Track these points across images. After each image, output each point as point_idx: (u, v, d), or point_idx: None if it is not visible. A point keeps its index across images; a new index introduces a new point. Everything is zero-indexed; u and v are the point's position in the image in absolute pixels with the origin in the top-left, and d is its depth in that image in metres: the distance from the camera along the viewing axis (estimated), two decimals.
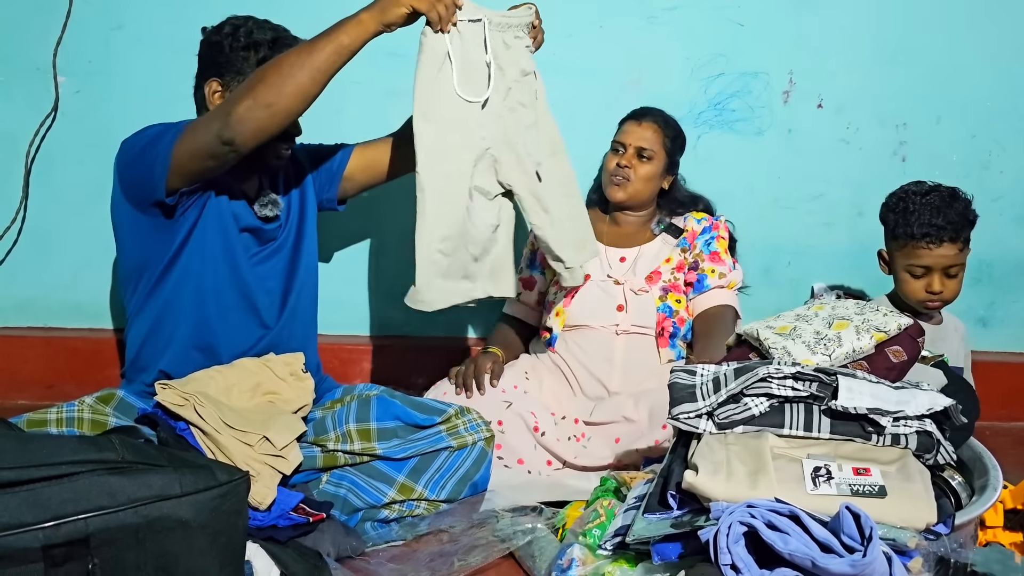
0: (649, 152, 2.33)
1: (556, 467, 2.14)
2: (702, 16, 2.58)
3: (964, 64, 2.65)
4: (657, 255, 2.37)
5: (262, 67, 1.76)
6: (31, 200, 2.52)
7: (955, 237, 2.05)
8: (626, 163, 2.33)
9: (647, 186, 2.36)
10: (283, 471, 1.75)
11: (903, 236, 2.07)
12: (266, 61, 1.84)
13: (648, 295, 2.30)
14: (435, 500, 1.94)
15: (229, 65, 1.88)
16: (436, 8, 1.78)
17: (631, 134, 2.35)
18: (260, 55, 1.87)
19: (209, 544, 1.32)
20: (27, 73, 2.45)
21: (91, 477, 1.26)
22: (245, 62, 1.88)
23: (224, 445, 1.69)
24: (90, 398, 1.85)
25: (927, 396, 1.54)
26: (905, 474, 1.48)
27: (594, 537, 1.63)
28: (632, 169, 2.33)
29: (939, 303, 2.11)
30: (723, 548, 1.31)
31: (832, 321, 1.91)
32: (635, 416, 2.14)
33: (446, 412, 2.02)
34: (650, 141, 2.34)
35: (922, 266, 2.07)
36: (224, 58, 1.88)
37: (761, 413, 1.54)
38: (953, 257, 2.06)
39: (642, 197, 2.38)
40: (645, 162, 2.34)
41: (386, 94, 2.55)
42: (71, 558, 1.23)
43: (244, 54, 1.87)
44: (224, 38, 1.88)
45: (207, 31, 1.94)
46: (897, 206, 2.10)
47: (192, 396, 1.74)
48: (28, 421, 1.76)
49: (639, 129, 2.35)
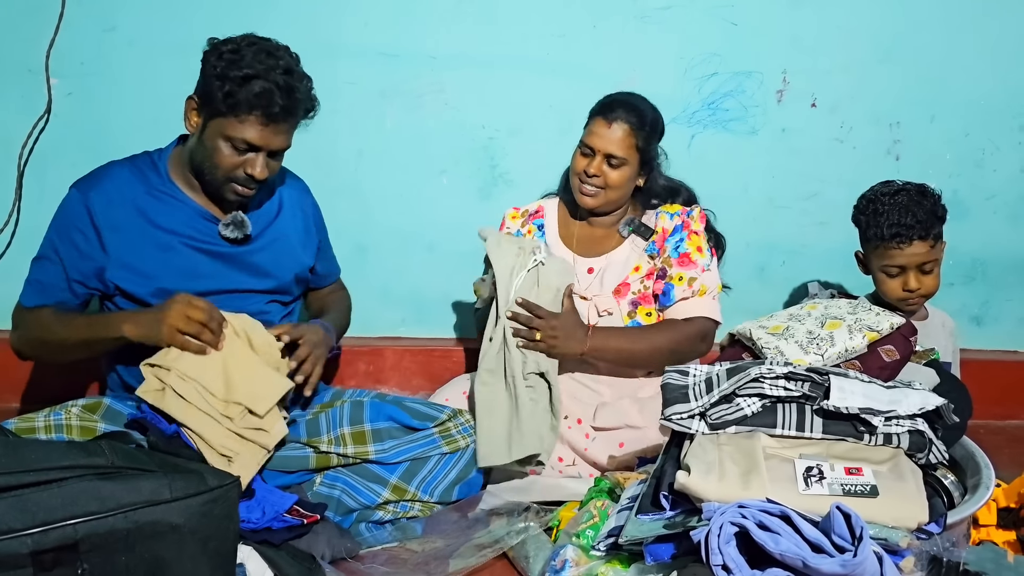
0: (619, 159, 2.14)
1: (568, 463, 2.11)
2: (695, 15, 2.58)
3: (958, 63, 2.66)
4: (626, 263, 2.23)
5: (49, 330, 1.90)
6: (24, 202, 2.51)
7: (925, 235, 2.06)
8: (595, 171, 2.15)
9: (620, 191, 2.20)
10: (267, 446, 1.74)
11: (875, 238, 2.09)
12: (232, 98, 1.79)
13: (616, 313, 2.18)
14: (429, 501, 1.94)
15: (207, 88, 1.82)
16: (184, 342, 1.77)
17: (600, 136, 2.14)
18: (226, 90, 1.79)
19: (200, 549, 1.31)
20: (19, 75, 2.45)
21: (80, 482, 1.25)
22: (216, 91, 1.80)
23: (200, 430, 1.69)
24: (76, 406, 1.84)
25: (919, 395, 1.54)
26: (897, 473, 1.48)
27: (587, 538, 1.63)
28: (602, 177, 2.16)
29: (918, 300, 2.13)
30: (714, 549, 1.31)
31: (825, 321, 1.91)
32: (639, 422, 2.10)
33: (439, 416, 2.02)
34: (620, 146, 2.14)
35: (896, 266, 2.09)
36: (205, 79, 1.83)
37: (753, 413, 1.54)
38: (925, 254, 2.07)
39: (616, 202, 2.23)
40: (616, 168, 2.15)
41: (379, 94, 2.55)
42: (60, 563, 1.23)
43: (218, 83, 1.80)
44: (215, 58, 1.83)
45: (210, 45, 1.88)
46: (867, 208, 2.11)
47: (171, 375, 1.72)
48: (16, 429, 1.76)
49: (607, 132, 2.14)
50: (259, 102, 1.79)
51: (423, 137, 2.59)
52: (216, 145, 1.83)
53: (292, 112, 1.85)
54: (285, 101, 1.81)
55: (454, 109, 2.58)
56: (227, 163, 1.84)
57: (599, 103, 2.22)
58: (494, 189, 2.64)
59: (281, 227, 2.06)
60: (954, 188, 2.71)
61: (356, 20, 2.50)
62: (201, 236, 1.94)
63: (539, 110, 2.60)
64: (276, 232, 2.04)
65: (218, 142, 1.83)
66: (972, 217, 2.75)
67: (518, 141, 2.61)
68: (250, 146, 1.83)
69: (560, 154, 2.57)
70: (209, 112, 1.82)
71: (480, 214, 2.47)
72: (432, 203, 2.63)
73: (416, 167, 2.61)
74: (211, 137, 1.83)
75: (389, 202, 2.62)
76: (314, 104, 1.91)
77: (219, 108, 1.80)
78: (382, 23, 2.51)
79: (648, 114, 2.19)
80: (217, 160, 1.84)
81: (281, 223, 2.06)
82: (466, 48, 2.54)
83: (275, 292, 2.05)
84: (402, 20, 2.51)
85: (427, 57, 2.54)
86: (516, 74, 2.57)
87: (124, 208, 1.90)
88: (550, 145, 2.59)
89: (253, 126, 1.81)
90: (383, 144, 2.58)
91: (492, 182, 2.64)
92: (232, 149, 1.83)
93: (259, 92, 1.78)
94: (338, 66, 2.48)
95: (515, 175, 2.63)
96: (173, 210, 1.93)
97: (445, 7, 2.52)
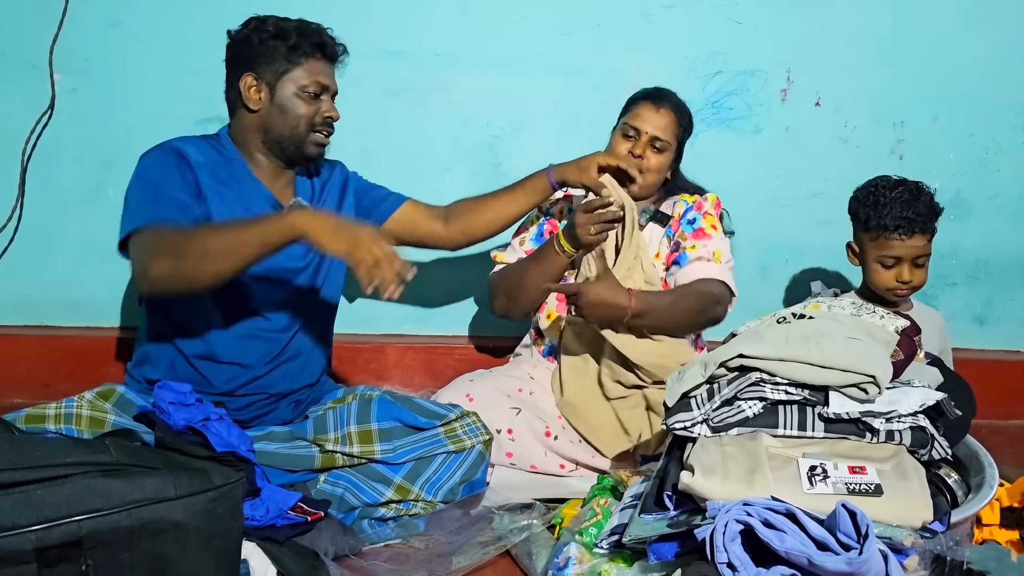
0: (664, 143, 2.16)
1: (570, 469, 2.11)
2: (700, 14, 2.58)
3: (961, 62, 2.65)
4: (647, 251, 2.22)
5: (187, 238, 1.70)
6: (27, 198, 2.51)
7: (924, 229, 2.12)
8: (640, 152, 2.15)
9: (657, 178, 2.20)
10: None
11: (877, 228, 2.12)
12: (296, 48, 1.90)
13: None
14: (432, 501, 1.94)
15: (260, 57, 1.91)
16: (371, 268, 1.66)
17: (647, 120, 2.15)
18: (290, 42, 1.90)
19: (203, 547, 1.32)
20: (23, 71, 2.45)
21: (85, 479, 1.25)
22: (275, 51, 1.91)
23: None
24: (90, 393, 1.85)
25: (919, 393, 1.54)
26: (901, 472, 1.48)
27: (590, 536, 1.63)
28: (644, 160, 2.15)
29: (907, 291, 2.18)
30: (719, 546, 1.31)
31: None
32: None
33: (446, 416, 2.01)
34: (666, 131, 2.16)
35: (893, 256, 2.13)
36: (254, 51, 1.91)
37: (755, 415, 1.54)
38: (923, 247, 2.13)
39: (650, 188, 2.22)
40: (658, 153, 2.17)
41: (383, 92, 2.55)
42: (64, 559, 1.23)
43: (273, 43, 1.90)
44: (252, 32, 1.92)
45: (232, 32, 1.96)
46: (868, 199, 2.15)
47: None
48: (27, 417, 1.76)
49: (656, 116, 2.16)
50: (322, 40, 1.94)
51: (427, 135, 2.59)
52: (292, 103, 1.93)
53: (338, 49, 2.00)
54: (332, 39, 1.97)
55: (458, 107, 2.58)
56: (307, 114, 1.94)
57: (643, 91, 2.24)
58: (498, 187, 2.63)
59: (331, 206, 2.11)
60: (957, 188, 2.71)
61: (361, 18, 2.50)
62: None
63: (543, 108, 2.60)
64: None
65: (292, 99, 1.92)
66: (975, 217, 2.75)
67: (522, 139, 2.61)
68: (321, 88, 1.95)
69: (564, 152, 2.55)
70: (274, 76, 1.91)
71: None
72: (436, 200, 2.60)
73: (420, 165, 2.60)
74: (284, 98, 1.92)
75: None
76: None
77: (285, 66, 1.91)
78: (387, 21, 2.51)
79: (688, 110, 2.26)
80: (298, 115, 1.93)
81: (330, 204, 2.11)
82: (471, 46, 2.55)
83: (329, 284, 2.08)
84: (407, 18, 2.52)
85: (432, 55, 2.54)
86: (520, 72, 2.57)
87: (210, 168, 1.92)
88: (554, 143, 2.59)
89: (320, 68, 1.95)
90: (388, 142, 2.59)
91: (496, 180, 2.63)
92: (307, 98, 1.93)
93: (316, 33, 1.94)
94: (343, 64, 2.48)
95: (519, 173, 2.60)
96: (247, 187, 1.96)
97: (450, 5, 2.52)
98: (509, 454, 2.08)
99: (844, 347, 1.55)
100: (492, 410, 2.09)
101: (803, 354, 1.53)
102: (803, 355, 1.53)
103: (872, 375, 1.51)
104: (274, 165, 2.00)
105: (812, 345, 1.55)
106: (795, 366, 1.53)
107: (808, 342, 1.56)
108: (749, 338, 1.62)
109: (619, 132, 2.21)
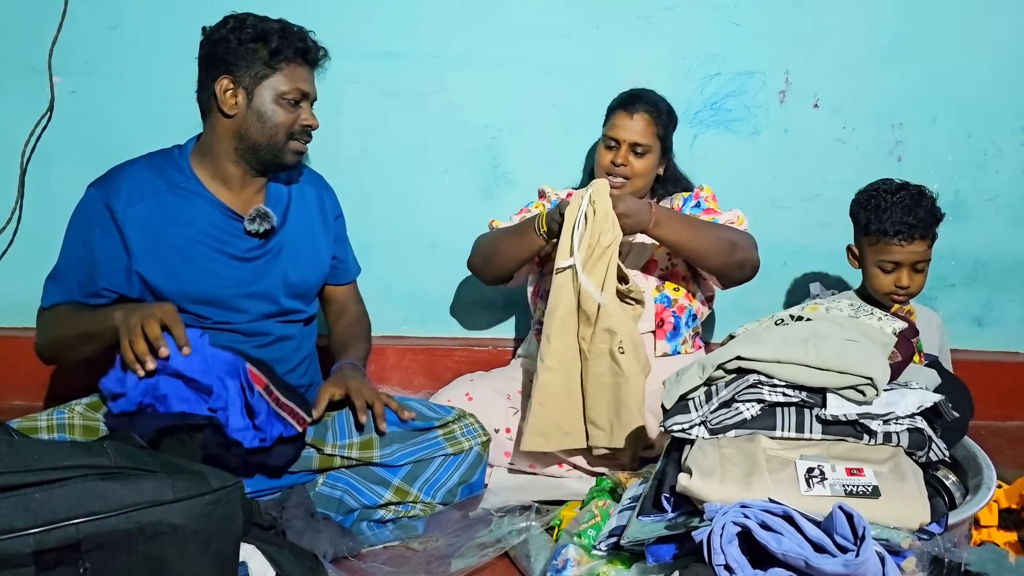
0: (644, 147, 2.22)
1: (568, 468, 2.11)
2: (698, 16, 2.58)
3: (960, 64, 2.65)
4: (650, 242, 2.23)
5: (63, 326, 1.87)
6: (26, 200, 2.51)
7: (925, 234, 2.10)
8: (622, 161, 2.22)
9: (645, 180, 2.27)
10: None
11: (876, 233, 2.11)
12: (277, 53, 1.85)
13: (646, 290, 2.20)
14: (431, 502, 1.94)
15: (239, 59, 1.85)
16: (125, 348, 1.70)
17: (623, 128, 2.23)
18: (271, 46, 1.85)
19: (201, 550, 1.31)
20: (23, 73, 2.45)
21: (83, 482, 1.25)
22: (255, 55, 1.85)
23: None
24: (80, 405, 1.83)
25: (916, 394, 1.55)
26: (898, 473, 1.48)
27: (589, 537, 1.63)
28: (628, 167, 2.23)
29: (905, 296, 2.16)
30: (717, 548, 1.31)
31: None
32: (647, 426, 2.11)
33: (444, 418, 2.00)
34: (643, 134, 2.22)
35: (893, 262, 2.12)
36: (232, 53, 1.85)
37: (753, 416, 1.54)
38: (922, 253, 2.11)
39: (641, 191, 2.28)
40: (640, 157, 2.23)
41: (382, 94, 2.55)
42: (62, 563, 1.23)
43: (253, 46, 1.84)
44: (230, 32, 1.85)
45: (208, 30, 1.91)
46: (869, 203, 2.14)
47: None
48: (18, 428, 1.74)
49: (631, 123, 2.23)
50: (304, 45, 1.89)
51: (426, 137, 2.59)
52: (271, 109, 1.89)
53: (320, 54, 1.95)
54: (315, 44, 1.92)
55: (457, 109, 2.58)
56: (286, 122, 1.90)
57: (617, 99, 2.30)
58: (496, 189, 2.64)
59: (300, 219, 2.06)
60: (956, 189, 2.71)
61: (359, 20, 2.50)
62: (224, 236, 1.93)
63: (542, 110, 2.60)
64: (296, 226, 2.05)
65: (271, 106, 1.89)
66: (974, 218, 2.75)
67: (521, 141, 2.61)
68: (302, 95, 1.90)
69: (562, 154, 2.57)
70: (252, 80, 1.86)
71: (482, 214, 2.47)
72: (435, 203, 2.63)
73: (419, 167, 2.61)
74: (263, 104, 1.88)
75: (392, 201, 2.62)
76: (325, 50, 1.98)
77: (264, 71, 1.87)
78: (385, 23, 2.51)
79: (664, 104, 2.30)
80: (276, 123, 1.89)
81: (300, 216, 2.06)
82: (469, 48, 2.55)
83: (296, 297, 2.05)
84: (405, 20, 2.52)
85: (430, 57, 2.54)
86: (519, 74, 2.57)
87: (145, 207, 1.88)
88: (553, 145, 2.59)
89: (301, 74, 1.90)
90: (386, 144, 2.59)
91: (495, 182, 2.64)
92: (286, 106, 1.89)
93: (299, 37, 1.89)
94: (341, 66, 2.45)
95: (517, 175, 2.63)
96: (197, 208, 1.92)
97: (448, 7, 2.52)
98: (507, 453, 2.10)
99: (842, 349, 1.56)
100: (491, 410, 2.11)
101: (801, 356, 1.54)
102: (801, 357, 1.54)
103: (870, 377, 1.51)
104: (244, 172, 1.94)
105: (810, 347, 1.55)
106: (793, 368, 1.54)
107: (806, 344, 1.56)
108: (747, 340, 1.63)
109: (602, 144, 2.28)
